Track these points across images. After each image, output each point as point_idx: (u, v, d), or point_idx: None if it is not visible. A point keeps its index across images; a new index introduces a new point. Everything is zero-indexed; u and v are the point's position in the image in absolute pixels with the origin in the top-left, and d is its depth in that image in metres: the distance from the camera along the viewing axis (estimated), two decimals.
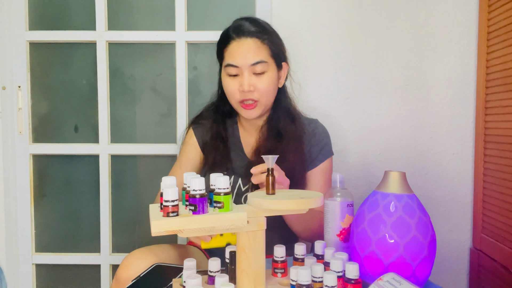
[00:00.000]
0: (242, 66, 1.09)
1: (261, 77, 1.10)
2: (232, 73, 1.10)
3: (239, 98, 1.11)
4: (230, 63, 1.10)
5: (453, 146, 1.52)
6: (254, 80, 1.09)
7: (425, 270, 0.78)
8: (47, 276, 1.63)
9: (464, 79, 1.50)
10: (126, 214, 1.61)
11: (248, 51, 1.08)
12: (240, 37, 1.10)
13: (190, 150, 1.23)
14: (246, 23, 1.12)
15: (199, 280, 0.69)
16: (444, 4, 1.49)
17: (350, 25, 1.50)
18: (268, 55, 1.11)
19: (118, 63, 1.58)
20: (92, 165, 1.59)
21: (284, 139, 1.14)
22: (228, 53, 1.11)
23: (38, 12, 1.56)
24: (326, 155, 1.18)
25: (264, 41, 1.10)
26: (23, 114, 1.56)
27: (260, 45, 1.10)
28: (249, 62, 1.08)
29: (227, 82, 1.12)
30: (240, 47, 1.09)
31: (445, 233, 1.53)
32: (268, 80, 1.11)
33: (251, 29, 1.10)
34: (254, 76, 1.09)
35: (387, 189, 0.82)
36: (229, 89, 1.12)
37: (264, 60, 1.09)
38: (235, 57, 1.09)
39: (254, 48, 1.09)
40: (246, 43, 1.09)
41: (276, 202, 0.73)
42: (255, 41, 1.09)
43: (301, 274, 0.69)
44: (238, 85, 1.10)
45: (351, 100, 1.52)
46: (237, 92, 1.11)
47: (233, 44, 1.10)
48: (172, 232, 0.67)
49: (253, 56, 1.08)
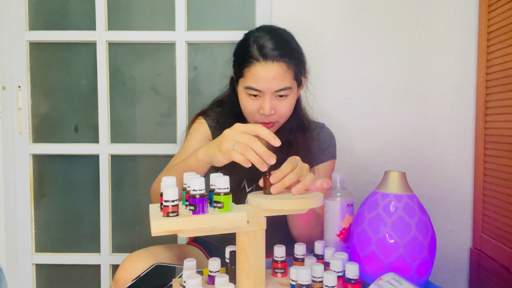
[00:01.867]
0: (265, 91, 1.03)
1: (283, 101, 1.05)
2: (252, 94, 1.04)
3: (258, 119, 1.07)
4: (253, 87, 1.03)
5: (453, 146, 1.52)
6: (275, 103, 1.05)
7: (425, 270, 0.78)
8: (47, 276, 1.63)
9: (464, 79, 1.50)
10: (126, 214, 1.61)
11: (274, 78, 1.01)
12: (266, 60, 1.01)
13: (200, 136, 1.16)
14: (271, 43, 1.03)
15: (199, 280, 0.69)
16: (444, 4, 1.49)
17: (350, 25, 1.50)
18: (292, 78, 1.05)
19: (118, 63, 1.58)
20: (92, 165, 1.60)
21: (293, 149, 1.12)
22: (250, 74, 1.03)
23: (38, 12, 1.56)
24: (328, 156, 1.18)
25: (290, 66, 1.04)
26: (23, 114, 1.56)
27: (286, 70, 1.03)
28: (274, 88, 1.02)
29: (247, 102, 1.07)
30: (266, 73, 1.01)
31: (445, 233, 1.53)
32: (290, 102, 1.07)
33: (277, 52, 1.02)
34: (275, 99, 1.05)
35: (387, 189, 0.82)
36: (248, 109, 1.07)
37: (288, 86, 1.04)
38: (258, 82, 1.02)
39: (280, 74, 1.02)
40: (272, 69, 1.01)
41: (276, 202, 0.73)
42: (282, 66, 1.02)
43: (301, 274, 0.69)
44: (258, 106, 1.05)
45: (351, 100, 1.52)
46: (256, 113, 1.06)
47: (257, 67, 1.02)
48: (172, 232, 0.67)
49: (278, 83, 1.02)
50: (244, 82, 1.05)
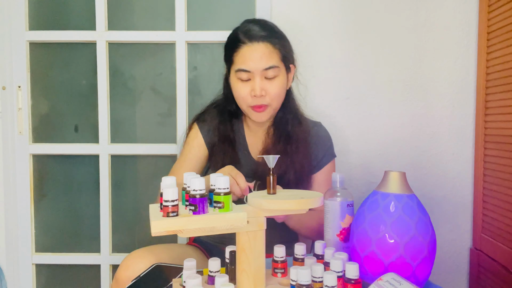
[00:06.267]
0: (254, 71, 1.08)
1: (272, 82, 1.09)
2: (243, 78, 1.09)
3: (250, 102, 1.11)
4: (242, 68, 1.08)
5: (453, 146, 1.52)
6: (265, 85, 1.09)
7: (425, 270, 0.78)
8: (47, 276, 1.63)
9: (464, 79, 1.50)
10: (126, 214, 1.61)
11: (260, 56, 1.07)
12: (251, 41, 1.08)
13: (195, 148, 1.22)
14: (256, 26, 1.10)
15: (199, 280, 0.69)
16: (444, 4, 1.49)
17: (350, 25, 1.50)
18: (279, 59, 1.10)
19: (118, 63, 1.58)
20: (92, 165, 1.60)
21: (291, 142, 1.15)
22: (239, 57, 1.09)
23: (38, 12, 1.56)
24: (330, 158, 1.21)
25: (275, 45, 1.09)
26: (23, 114, 1.56)
27: (272, 49, 1.08)
28: (262, 67, 1.07)
29: (238, 87, 1.11)
30: (252, 52, 1.07)
31: (445, 233, 1.53)
32: (279, 84, 1.11)
33: (262, 33, 1.08)
34: (265, 80, 1.09)
35: (387, 189, 0.82)
36: (240, 94, 1.11)
37: (276, 65, 1.09)
38: (247, 62, 1.08)
39: (266, 53, 1.07)
40: (258, 48, 1.07)
41: (276, 202, 0.73)
42: (267, 45, 1.08)
43: (301, 274, 0.69)
44: (249, 89, 1.10)
45: (351, 100, 1.52)
46: (248, 97, 1.10)
47: (244, 49, 1.08)
48: (172, 232, 0.67)
49: (265, 61, 1.07)
50: (235, 67, 1.11)
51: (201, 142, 1.22)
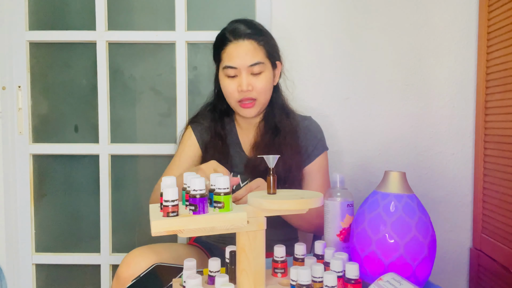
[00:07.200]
0: (240, 67, 1.12)
1: (258, 77, 1.14)
2: (230, 74, 1.14)
3: (238, 97, 1.15)
4: (229, 65, 1.13)
5: (453, 146, 1.52)
6: (252, 80, 1.13)
7: (425, 270, 0.78)
8: (47, 276, 1.63)
9: (464, 79, 1.50)
10: (126, 214, 1.61)
11: (246, 53, 1.12)
12: (237, 39, 1.13)
13: (189, 148, 1.25)
14: (242, 25, 1.15)
15: (199, 280, 0.69)
16: (444, 4, 1.49)
17: (351, 25, 1.50)
18: (264, 56, 1.15)
19: (118, 63, 1.58)
20: (92, 165, 1.60)
21: (280, 134, 1.18)
22: (226, 55, 1.14)
23: (38, 12, 1.56)
24: (321, 150, 1.22)
25: (260, 42, 1.14)
26: (23, 114, 1.56)
27: (256, 46, 1.14)
28: (247, 63, 1.12)
29: (226, 83, 1.16)
30: (238, 49, 1.13)
31: (445, 233, 1.53)
32: (265, 79, 1.15)
33: (247, 31, 1.14)
34: (251, 76, 1.14)
35: (387, 189, 0.82)
36: (228, 90, 1.16)
37: (261, 61, 1.13)
38: (233, 58, 1.13)
39: (251, 50, 1.13)
40: (244, 45, 1.13)
41: (276, 202, 0.73)
42: (252, 43, 1.13)
43: (301, 274, 0.69)
44: (236, 85, 1.14)
45: (351, 100, 1.52)
46: (235, 92, 1.14)
47: (231, 46, 1.13)
48: (172, 232, 0.67)
49: (250, 58, 1.12)
50: (222, 64, 1.16)
51: (194, 141, 1.25)
